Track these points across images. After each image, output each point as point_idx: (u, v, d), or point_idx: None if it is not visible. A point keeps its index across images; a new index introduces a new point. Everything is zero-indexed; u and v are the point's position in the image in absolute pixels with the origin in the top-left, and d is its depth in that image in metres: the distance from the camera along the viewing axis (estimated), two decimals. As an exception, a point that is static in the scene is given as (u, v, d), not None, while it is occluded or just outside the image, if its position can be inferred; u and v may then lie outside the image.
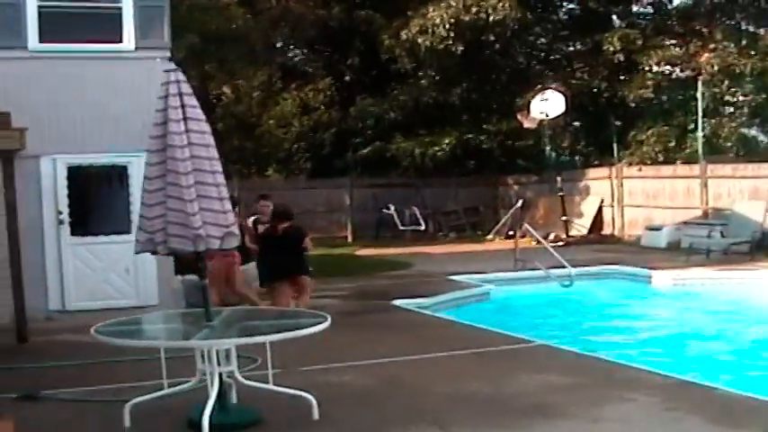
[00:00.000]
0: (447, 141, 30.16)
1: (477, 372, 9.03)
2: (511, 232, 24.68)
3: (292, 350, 7.61)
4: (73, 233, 13.22)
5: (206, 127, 7.25)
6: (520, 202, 23.29)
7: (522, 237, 21.20)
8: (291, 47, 38.27)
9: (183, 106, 7.09)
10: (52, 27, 12.97)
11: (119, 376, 8.73)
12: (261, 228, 12.72)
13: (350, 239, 29.46)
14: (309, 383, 8.05)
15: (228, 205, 7.26)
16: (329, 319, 7.20)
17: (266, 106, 37.16)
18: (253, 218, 13.35)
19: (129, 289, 13.34)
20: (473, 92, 31.93)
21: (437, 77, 31.40)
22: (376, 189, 30.19)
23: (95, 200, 13.96)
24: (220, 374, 6.99)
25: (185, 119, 7.08)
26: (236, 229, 7.30)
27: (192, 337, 7.10)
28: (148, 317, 8.28)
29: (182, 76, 7.21)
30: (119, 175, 13.42)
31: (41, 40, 12.97)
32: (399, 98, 31.77)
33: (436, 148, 30.00)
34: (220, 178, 7.18)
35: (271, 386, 7.31)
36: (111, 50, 13.26)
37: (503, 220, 27.22)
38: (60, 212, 13.08)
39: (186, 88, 7.20)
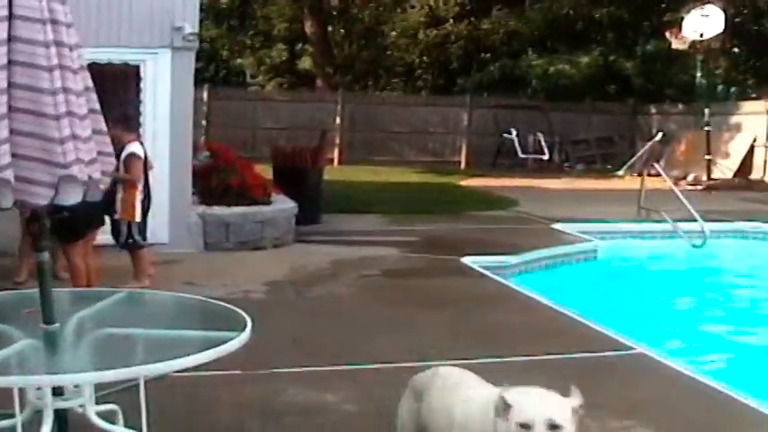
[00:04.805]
0: (585, 61, 26.78)
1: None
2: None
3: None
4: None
5: None
6: (659, 135, 19.65)
7: (656, 176, 17.59)
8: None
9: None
10: None
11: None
12: None
13: (463, 165, 26.46)
14: (262, 404, 5.41)
15: (85, 129, 3.75)
16: (249, 325, 3.98)
17: (390, 13, 34.00)
18: None
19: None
20: (621, 5, 28.24)
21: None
22: (499, 111, 26.88)
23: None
24: (59, 411, 3.96)
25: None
26: (84, 173, 3.69)
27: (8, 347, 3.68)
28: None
29: None
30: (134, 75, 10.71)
31: None
32: (536, 8, 28.55)
33: (572, 68, 26.65)
34: (69, 79, 3.70)
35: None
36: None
37: (638, 155, 23.60)
38: None
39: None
